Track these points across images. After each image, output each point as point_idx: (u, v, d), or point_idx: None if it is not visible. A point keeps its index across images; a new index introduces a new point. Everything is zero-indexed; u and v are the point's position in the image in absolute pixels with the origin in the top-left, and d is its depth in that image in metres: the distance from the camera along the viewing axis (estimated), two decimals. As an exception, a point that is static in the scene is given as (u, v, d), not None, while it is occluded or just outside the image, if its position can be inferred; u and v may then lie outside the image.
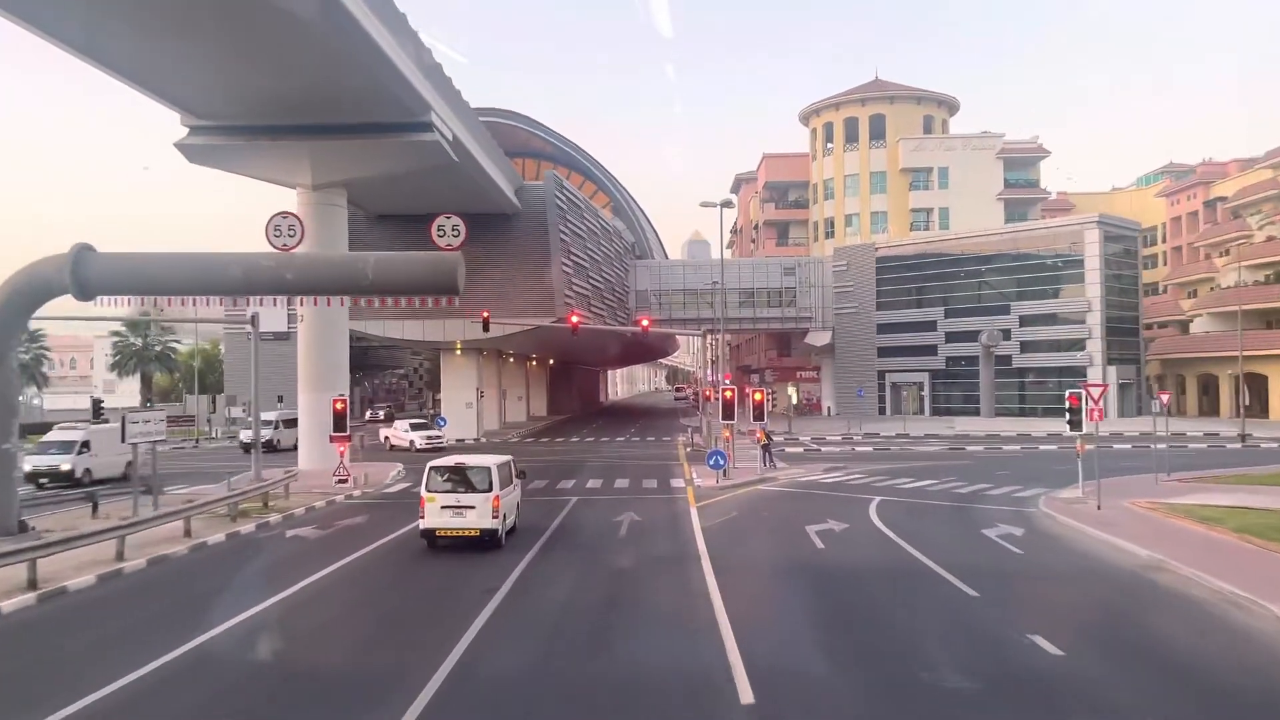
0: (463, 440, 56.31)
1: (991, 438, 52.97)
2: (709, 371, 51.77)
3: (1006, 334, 63.40)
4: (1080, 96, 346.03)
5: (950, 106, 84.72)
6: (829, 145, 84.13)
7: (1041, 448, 46.57)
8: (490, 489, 21.56)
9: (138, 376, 73.74)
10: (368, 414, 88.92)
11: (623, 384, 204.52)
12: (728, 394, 31.94)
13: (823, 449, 46.91)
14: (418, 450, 48.88)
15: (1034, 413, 63.67)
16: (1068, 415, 26.83)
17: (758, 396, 33.14)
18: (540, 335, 57.76)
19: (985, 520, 23.45)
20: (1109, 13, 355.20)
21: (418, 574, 18.33)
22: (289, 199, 39.11)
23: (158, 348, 71.66)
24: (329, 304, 36.95)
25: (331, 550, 19.94)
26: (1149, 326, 73.86)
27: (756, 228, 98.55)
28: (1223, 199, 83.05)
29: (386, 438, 53.37)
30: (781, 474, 34.25)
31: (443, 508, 21.26)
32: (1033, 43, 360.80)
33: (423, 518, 21.07)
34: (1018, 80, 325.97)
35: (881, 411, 71.64)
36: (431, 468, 21.96)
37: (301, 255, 19.51)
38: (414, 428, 53.06)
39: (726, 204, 35.15)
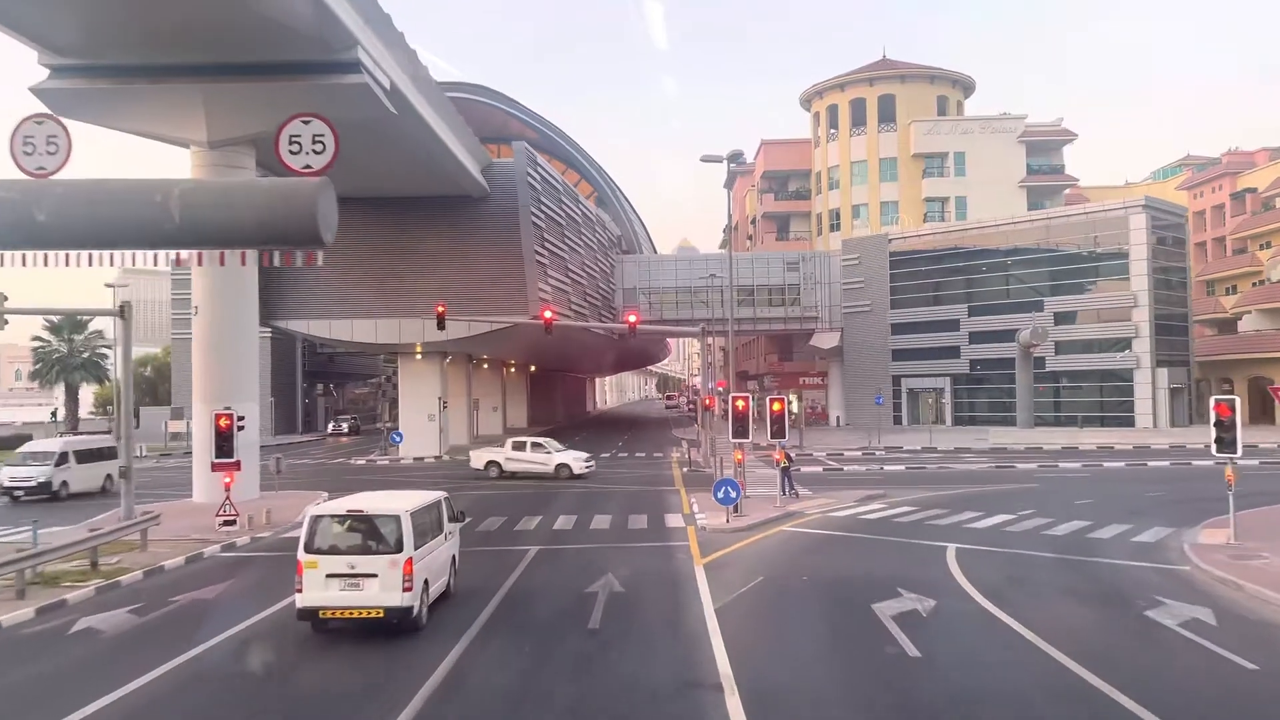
0: (421, 459, 48.61)
1: (1035, 452, 45.54)
2: (707, 377, 44.29)
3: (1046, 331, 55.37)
4: (1078, 96, 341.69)
5: (965, 87, 77.56)
6: (833, 131, 76.85)
7: (1106, 465, 39.07)
8: (400, 548, 14.47)
9: (69, 387, 65.62)
10: (330, 426, 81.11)
11: (612, 392, 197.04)
12: (739, 403, 24.34)
13: (845, 468, 39.37)
14: (573, 477, 36.37)
15: (1072, 422, 56.37)
16: (1215, 430, 19.33)
17: (776, 406, 25.59)
18: (513, 336, 50.20)
19: (1134, 589, 15.90)
20: (1104, 12, 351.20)
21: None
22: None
23: (84, 354, 63.57)
24: (244, 262, 29.56)
25: (114, 668, 12.19)
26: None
27: (754, 222, 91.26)
28: (1252, 190, 76.34)
29: (491, 463, 38.10)
30: (807, 505, 26.67)
31: (329, 577, 14.25)
32: (1028, 41, 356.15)
33: (300, 590, 13.92)
34: (1013, 82, 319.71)
35: (897, 421, 64.24)
36: (315, 517, 14.77)
37: (62, 183, 11.86)
38: (550, 447, 38.37)
39: (734, 158, 27.64)
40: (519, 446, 38.34)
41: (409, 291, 46.67)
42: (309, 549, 14.51)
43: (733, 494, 22.90)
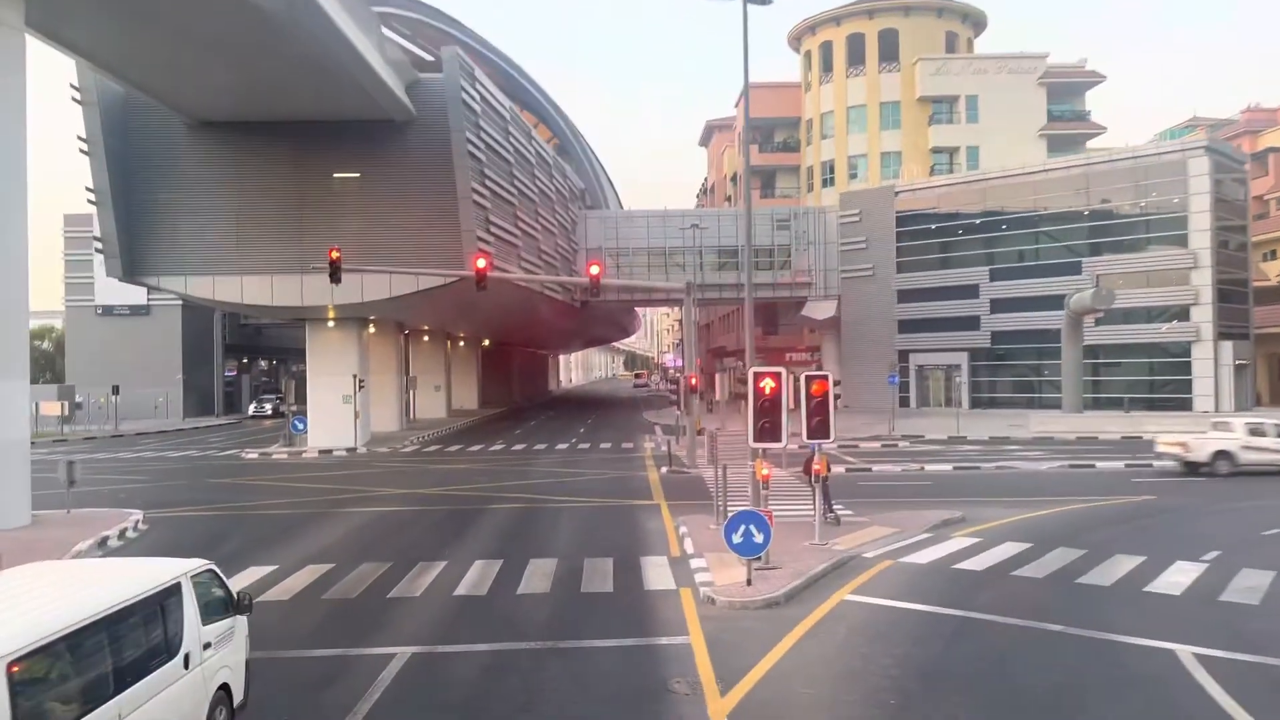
0: (329, 452, 38.76)
1: (1092, 443, 36.78)
2: (690, 351, 34.81)
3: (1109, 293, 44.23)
4: (1075, 43, 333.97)
5: (976, 22, 68.22)
6: (827, 74, 67.28)
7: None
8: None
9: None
10: (252, 407, 70.80)
11: (578, 370, 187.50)
12: (766, 386, 14.85)
13: (873, 467, 30.04)
14: None
15: (1115, 405, 47.51)
16: None
17: (816, 387, 16.20)
18: (448, 298, 40.35)
19: None
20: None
21: None
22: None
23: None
24: None
25: None
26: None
27: (734, 179, 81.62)
28: (1276, 149, 68.37)
29: (1221, 455, 26.21)
30: (858, 540, 17.31)
31: None
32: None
33: None
34: (1019, 22, 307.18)
35: (904, 403, 55.14)
36: None
37: None
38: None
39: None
40: (1257, 431, 26.41)
41: (314, 241, 36.55)
42: None
43: (758, 539, 13.42)
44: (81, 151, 35.47)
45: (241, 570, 15.66)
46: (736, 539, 13.43)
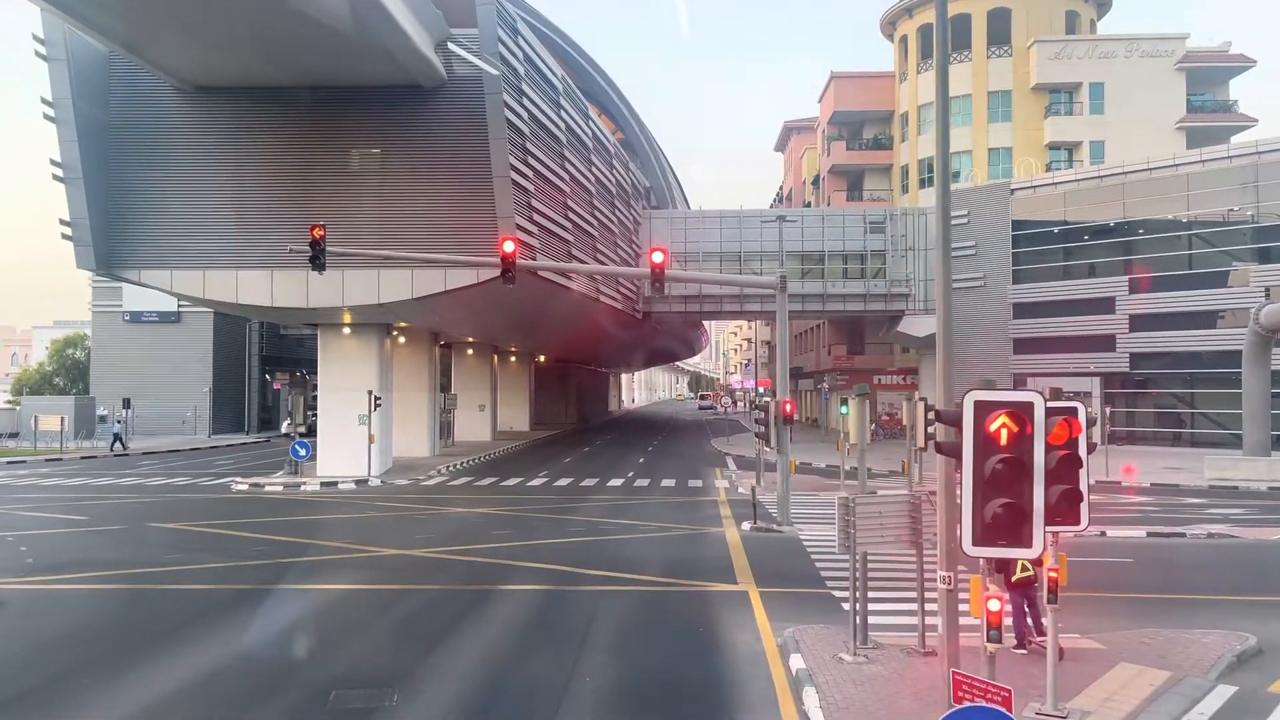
0: (335, 484, 32.08)
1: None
2: (782, 363, 27.25)
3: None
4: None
5: (1101, 1, 59.82)
6: (925, 62, 59.43)
7: None
8: None
9: None
10: (285, 424, 65.00)
11: (641, 390, 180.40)
12: (1002, 431, 7.37)
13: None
14: None
15: (1290, 444, 38.65)
16: None
17: (1057, 430, 8.72)
18: (480, 299, 33.58)
19: None
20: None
21: None
22: None
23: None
24: None
25: None
26: None
27: (815, 183, 74.04)
28: None
29: None
30: (1113, 701, 9.71)
31: None
32: None
33: None
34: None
35: (1019, 436, 46.65)
36: None
37: None
38: None
39: None
40: None
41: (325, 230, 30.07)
42: None
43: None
44: (47, 118, 29.54)
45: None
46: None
